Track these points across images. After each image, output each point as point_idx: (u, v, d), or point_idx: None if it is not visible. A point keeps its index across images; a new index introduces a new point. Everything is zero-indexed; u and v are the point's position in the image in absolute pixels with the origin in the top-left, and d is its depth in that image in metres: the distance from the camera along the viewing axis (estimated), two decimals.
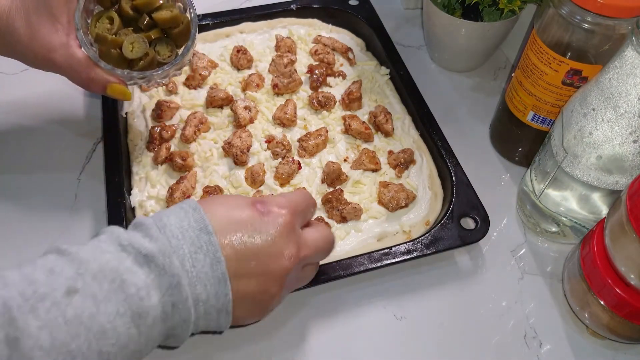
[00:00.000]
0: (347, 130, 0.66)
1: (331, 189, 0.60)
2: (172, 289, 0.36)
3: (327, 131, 0.65)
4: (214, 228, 0.39)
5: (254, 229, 0.40)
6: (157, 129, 0.64)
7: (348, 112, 0.68)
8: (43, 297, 0.33)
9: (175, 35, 0.54)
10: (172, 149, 0.63)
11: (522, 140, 0.64)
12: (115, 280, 0.35)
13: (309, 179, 0.61)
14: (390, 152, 0.64)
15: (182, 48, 0.55)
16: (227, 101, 0.67)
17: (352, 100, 0.68)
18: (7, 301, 0.32)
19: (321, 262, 0.53)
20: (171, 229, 0.38)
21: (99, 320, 0.33)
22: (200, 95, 0.69)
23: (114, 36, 0.52)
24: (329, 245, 0.47)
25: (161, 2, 0.53)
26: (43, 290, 0.33)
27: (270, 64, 0.72)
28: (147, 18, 0.53)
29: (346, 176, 0.61)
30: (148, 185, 0.61)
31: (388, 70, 0.73)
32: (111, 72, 0.52)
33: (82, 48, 0.50)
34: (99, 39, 0.52)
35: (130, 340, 0.35)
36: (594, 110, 0.46)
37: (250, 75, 0.70)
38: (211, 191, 0.58)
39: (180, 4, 0.54)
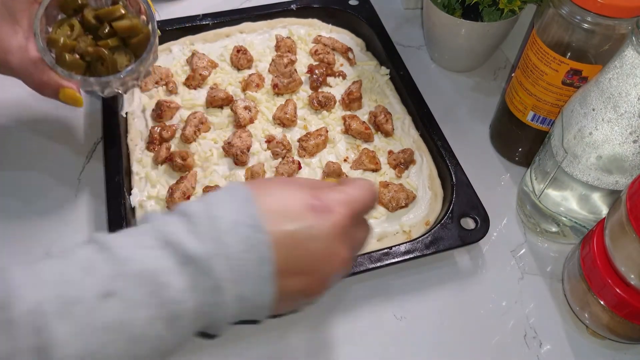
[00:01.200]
0: (347, 130, 0.66)
1: None
2: (212, 292, 0.34)
3: (327, 131, 0.65)
4: (266, 223, 0.36)
5: (308, 227, 0.37)
6: (157, 129, 0.64)
7: (348, 112, 0.68)
8: (77, 300, 0.31)
9: (133, 44, 0.55)
10: (172, 149, 0.63)
11: (522, 140, 0.64)
12: (154, 283, 0.33)
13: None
14: (390, 152, 0.64)
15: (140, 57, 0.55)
16: (227, 101, 0.67)
17: (352, 100, 0.68)
18: (43, 305, 0.30)
19: None
20: (222, 223, 0.35)
21: (133, 326, 0.32)
22: (200, 95, 0.69)
23: (66, 39, 0.52)
24: (368, 240, 0.45)
25: (123, 12, 0.53)
26: (77, 292, 0.31)
27: (270, 64, 0.72)
28: (108, 27, 0.53)
29: (346, 176, 0.61)
30: (148, 185, 0.61)
31: (388, 70, 0.73)
32: (67, 77, 0.51)
33: (40, 53, 0.50)
34: (50, 42, 0.52)
35: (163, 342, 0.34)
36: (594, 110, 0.46)
37: (250, 75, 0.70)
38: (210, 191, 0.58)
39: (144, 17, 0.54)
